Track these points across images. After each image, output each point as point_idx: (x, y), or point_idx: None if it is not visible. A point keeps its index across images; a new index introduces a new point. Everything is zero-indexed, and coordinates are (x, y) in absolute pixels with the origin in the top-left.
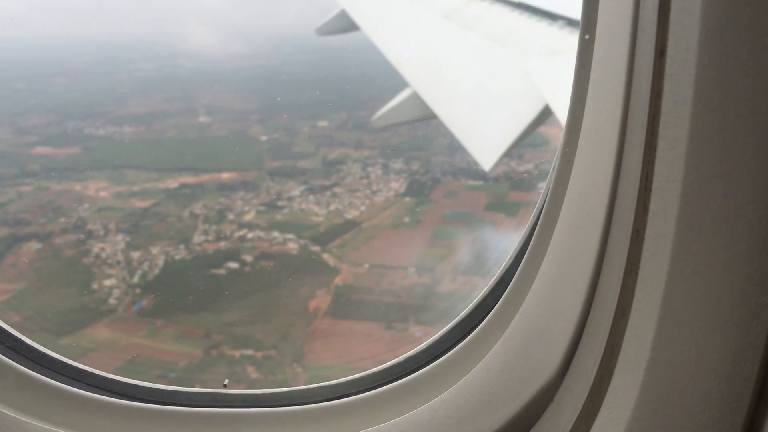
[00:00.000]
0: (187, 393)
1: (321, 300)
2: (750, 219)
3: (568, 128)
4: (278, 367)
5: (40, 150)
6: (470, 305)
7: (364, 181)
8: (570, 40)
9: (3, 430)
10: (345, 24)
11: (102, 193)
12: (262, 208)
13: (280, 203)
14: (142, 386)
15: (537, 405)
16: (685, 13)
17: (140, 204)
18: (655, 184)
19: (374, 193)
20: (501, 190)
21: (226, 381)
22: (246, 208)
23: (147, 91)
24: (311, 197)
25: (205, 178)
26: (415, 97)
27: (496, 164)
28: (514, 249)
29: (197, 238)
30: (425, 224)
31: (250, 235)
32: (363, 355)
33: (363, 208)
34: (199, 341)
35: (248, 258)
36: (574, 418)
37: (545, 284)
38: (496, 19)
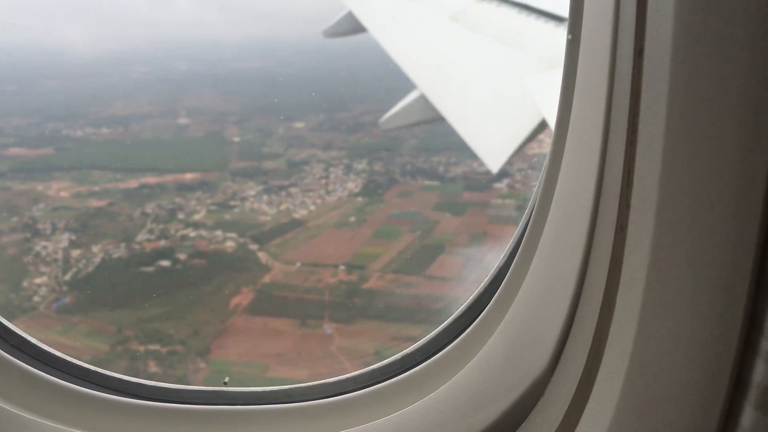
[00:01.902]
0: (188, 391)
1: (243, 297)
2: (725, 213)
3: (557, 128)
4: (180, 363)
5: (13, 151)
6: (464, 304)
7: (323, 181)
8: None
9: (8, 428)
10: (352, 26)
11: (62, 193)
12: (213, 207)
13: (232, 203)
14: (144, 384)
15: (528, 399)
16: (660, 13)
17: (96, 204)
18: (636, 180)
19: (328, 193)
20: (455, 190)
21: (227, 379)
22: (198, 208)
23: (134, 93)
24: (265, 197)
25: (168, 178)
26: (423, 99)
27: (504, 165)
28: (507, 247)
29: (140, 237)
30: (369, 224)
31: (192, 234)
32: (268, 352)
33: (313, 207)
34: (109, 337)
35: (182, 256)
36: (564, 410)
37: (535, 281)
38: (504, 20)
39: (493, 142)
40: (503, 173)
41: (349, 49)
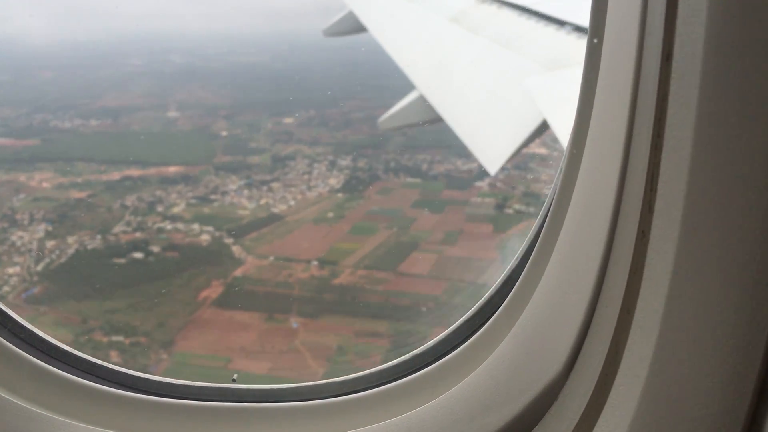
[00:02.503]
0: (196, 387)
1: (213, 290)
2: (752, 220)
3: (575, 130)
4: (142, 354)
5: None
6: (477, 304)
7: (305, 176)
8: (576, 46)
9: (17, 421)
10: (352, 25)
11: (44, 184)
12: (193, 201)
13: (213, 197)
14: (152, 380)
15: (542, 403)
16: (692, 19)
17: (76, 195)
18: (660, 185)
19: (310, 188)
20: (436, 188)
21: (235, 376)
22: (178, 201)
23: (126, 85)
24: (246, 191)
25: (151, 171)
26: (422, 100)
27: (502, 168)
28: (521, 249)
29: (117, 228)
30: (347, 220)
31: (168, 227)
32: (232, 345)
33: (293, 202)
34: (74, 327)
35: (155, 249)
36: (578, 416)
37: (551, 284)
38: (504, 23)
39: (491, 144)
40: (484, 171)
41: (346, 47)
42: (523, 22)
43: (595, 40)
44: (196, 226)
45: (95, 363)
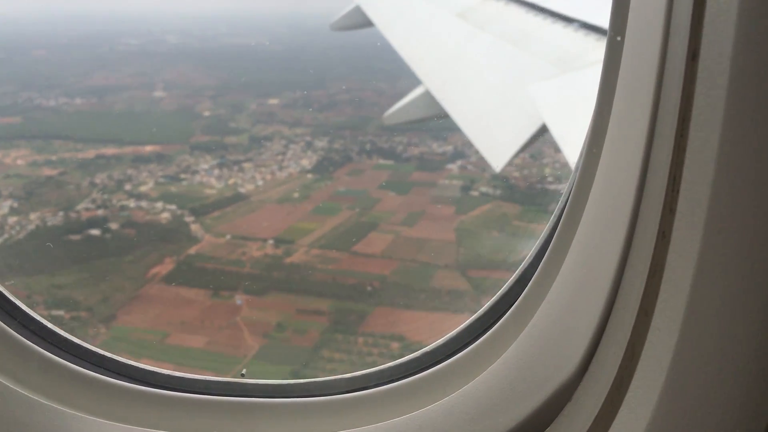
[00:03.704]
0: (204, 381)
1: (164, 267)
2: None
3: (593, 128)
4: (81, 328)
5: None
6: (490, 302)
7: (279, 157)
8: (584, 44)
9: (25, 412)
10: (359, 20)
11: (19, 161)
12: (162, 180)
13: (183, 176)
14: (160, 373)
15: (555, 403)
16: (721, 18)
17: (48, 173)
18: (683, 186)
19: (281, 169)
20: (407, 169)
21: (244, 371)
22: (147, 180)
23: (117, 65)
24: (216, 171)
25: (127, 150)
26: (427, 96)
27: (507, 165)
28: (534, 247)
29: (81, 206)
30: (311, 200)
31: (132, 205)
32: (173, 320)
33: (261, 182)
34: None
35: (113, 226)
36: (593, 418)
37: (567, 283)
38: (511, 19)
39: (496, 141)
40: (458, 154)
41: (349, 34)
42: (531, 18)
43: (618, 38)
44: (159, 205)
45: (104, 356)
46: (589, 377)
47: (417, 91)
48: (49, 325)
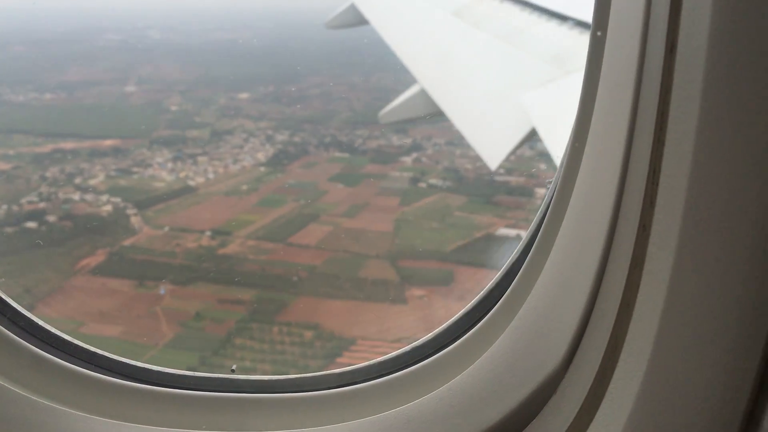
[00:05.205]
0: (195, 377)
1: (94, 259)
2: (754, 215)
3: (577, 123)
4: None
5: None
6: (477, 297)
7: (236, 150)
8: (579, 42)
9: (16, 410)
10: (354, 18)
11: None
12: (114, 173)
13: (135, 169)
14: (151, 369)
15: (540, 395)
16: (696, 10)
17: (2, 167)
18: (663, 179)
19: (235, 162)
20: (360, 162)
21: (234, 366)
22: (98, 173)
23: (94, 60)
24: (170, 164)
25: (86, 144)
26: (423, 94)
27: (502, 163)
28: (521, 241)
29: (25, 199)
30: (259, 192)
31: (76, 198)
32: (91, 310)
33: (212, 175)
34: None
35: (51, 218)
36: (577, 409)
37: (551, 276)
38: (507, 17)
39: (491, 140)
40: (416, 146)
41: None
42: (526, 16)
43: (599, 33)
44: (104, 197)
45: (95, 352)
46: (574, 369)
47: (413, 90)
48: (40, 322)
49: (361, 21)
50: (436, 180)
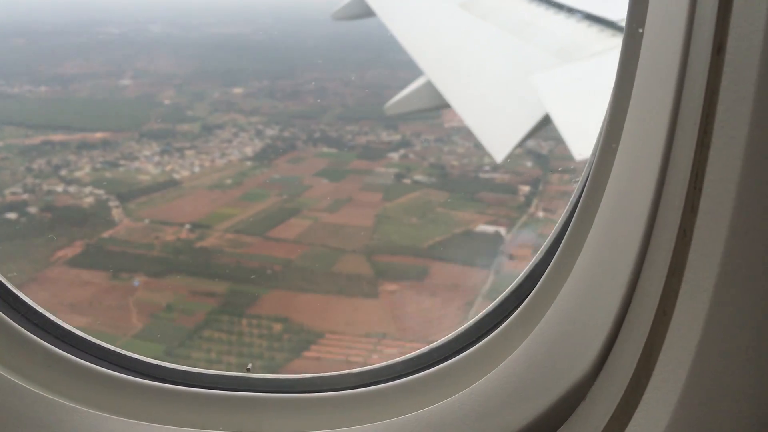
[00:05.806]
0: (210, 375)
1: (71, 250)
2: None
3: (609, 122)
4: None
5: None
6: (499, 297)
7: (224, 145)
8: (586, 35)
9: (29, 406)
10: (361, 10)
11: None
12: (100, 166)
13: (122, 162)
14: (165, 367)
15: (568, 402)
16: (749, 10)
17: None
18: (707, 183)
19: (222, 156)
20: (347, 158)
21: (250, 365)
22: (84, 166)
23: (92, 53)
24: (156, 158)
25: (76, 136)
26: (429, 86)
27: (508, 156)
28: (545, 243)
29: (9, 190)
30: (243, 187)
31: (59, 190)
32: (64, 302)
33: (197, 169)
34: None
35: (32, 210)
36: (608, 418)
37: (581, 279)
38: (514, 9)
39: (497, 132)
40: (405, 142)
41: (335, 23)
42: (533, 9)
43: (639, 29)
44: (87, 189)
45: (109, 349)
46: (605, 376)
47: (419, 82)
48: (53, 318)
49: (368, 12)
50: (421, 176)
